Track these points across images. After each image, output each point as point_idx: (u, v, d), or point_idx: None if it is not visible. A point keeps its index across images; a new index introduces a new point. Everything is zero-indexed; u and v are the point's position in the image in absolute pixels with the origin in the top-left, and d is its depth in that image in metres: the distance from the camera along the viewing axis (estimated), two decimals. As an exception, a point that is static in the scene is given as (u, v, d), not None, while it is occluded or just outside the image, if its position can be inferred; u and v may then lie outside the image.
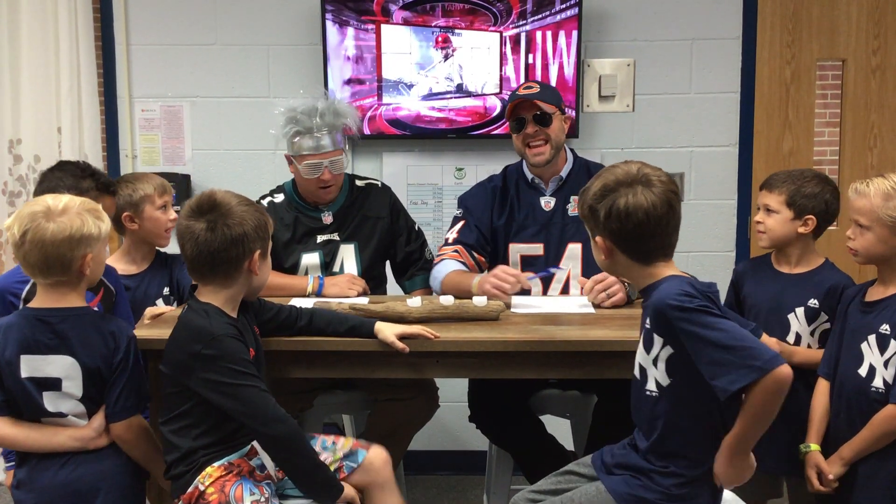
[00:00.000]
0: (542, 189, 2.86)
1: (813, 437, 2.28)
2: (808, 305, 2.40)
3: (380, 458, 2.16)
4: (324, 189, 2.86)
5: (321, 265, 2.90)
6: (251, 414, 1.95)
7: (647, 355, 1.80)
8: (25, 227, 1.94)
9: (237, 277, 2.03)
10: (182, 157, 3.77)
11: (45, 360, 1.98)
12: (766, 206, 2.44)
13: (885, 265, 2.19)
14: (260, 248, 2.03)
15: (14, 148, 3.68)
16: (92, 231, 1.98)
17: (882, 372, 2.12)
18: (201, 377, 1.94)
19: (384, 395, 2.79)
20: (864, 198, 2.15)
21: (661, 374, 1.78)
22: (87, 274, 2.00)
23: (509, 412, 2.73)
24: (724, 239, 3.73)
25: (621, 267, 1.87)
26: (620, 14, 3.65)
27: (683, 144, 3.71)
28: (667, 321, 1.71)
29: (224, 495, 1.93)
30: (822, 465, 2.22)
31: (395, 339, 2.15)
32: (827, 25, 3.66)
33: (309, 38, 3.66)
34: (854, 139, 3.72)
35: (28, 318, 2.00)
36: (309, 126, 2.80)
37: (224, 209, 2.00)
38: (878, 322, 2.14)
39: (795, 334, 2.42)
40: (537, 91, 2.78)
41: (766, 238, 2.46)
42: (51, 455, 2.02)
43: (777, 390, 1.62)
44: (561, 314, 2.45)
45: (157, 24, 3.71)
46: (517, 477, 2.82)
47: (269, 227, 2.08)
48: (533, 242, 2.81)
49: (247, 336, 2.04)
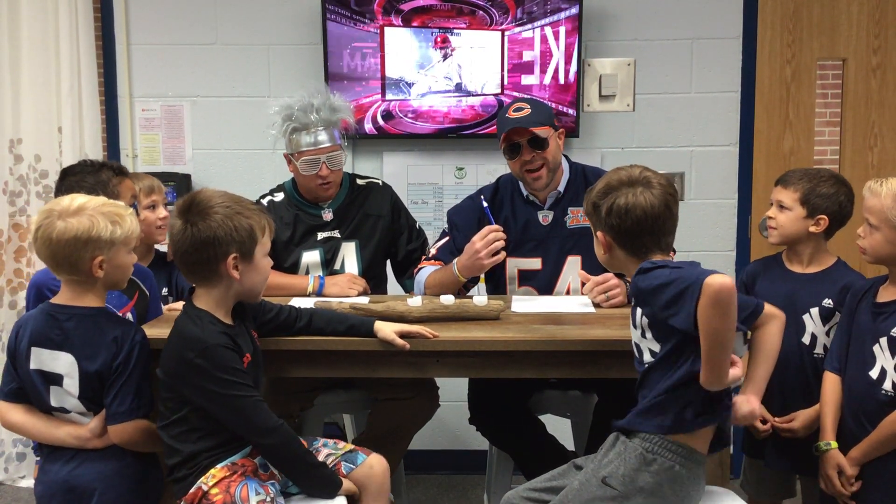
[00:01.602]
0: (538, 204, 2.81)
1: (829, 434, 2.23)
2: (822, 305, 2.37)
3: (381, 464, 2.16)
4: (323, 185, 2.86)
5: (322, 263, 2.90)
6: (242, 424, 1.97)
7: (636, 329, 1.91)
8: (39, 223, 1.97)
9: (216, 280, 2.00)
10: (182, 157, 3.77)
11: (52, 356, 2.01)
12: (780, 202, 2.42)
13: (895, 267, 2.18)
14: (236, 250, 1.97)
15: (14, 148, 3.68)
16: (101, 234, 1.97)
17: (892, 375, 2.10)
18: (194, 385, 1.94)
19: (384, 395, 2.79)
20: (875, 197, 2.14)
21: (652, 342, 1.86)
22: (99, 277, 2.00)
23: (509, 413, 2.73)
24: (725, 239, 3.73)
25: (618, 261, 1.98)
26: (621, 14, 3.65)
27: (684, 144, 3.71)
28: (637, 289, 1.87)
29: (229, 496, 1.93)
30: (844, 464, 2.18)
31: (395, 336, 2.15)
32: (827, 25, 3.66)
33: (309, 38, 3.66)
34: (854, 138, 3.72)
35: (44, 313, 2.04)
36: (305, 122, 2.81)
37: (200, 209, 1.97)
38: (890, 325, 2.12)
39: (811, 335, 2.38)
40: (529, 113, 2.67)
41: (777, 234, 2.44)
42: (60, 450, 2.05)
43: (715, 301, 1.69)
44: (561, 314, 2.45)
45: (158, 24, 3.71)
46: (517, 477, 2.81)
47: (255, 230, 2.00)
48: (531, 257, 2.78)
49: (241, 342, 2.02)
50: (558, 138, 2.75)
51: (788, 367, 2.35)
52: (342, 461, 2.13)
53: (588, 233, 2.69)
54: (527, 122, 2.66)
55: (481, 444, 3.10)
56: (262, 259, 2.05)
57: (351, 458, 2.14)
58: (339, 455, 2.14)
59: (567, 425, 2.92)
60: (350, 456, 2.15)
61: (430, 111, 3.63)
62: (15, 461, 3.75)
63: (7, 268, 3.71)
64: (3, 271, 3.71)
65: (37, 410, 2.07)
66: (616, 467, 1.84)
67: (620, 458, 1.85)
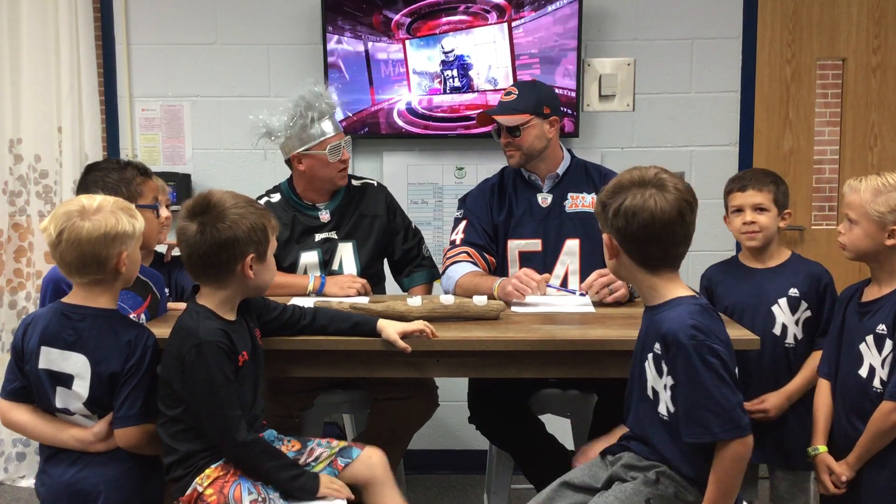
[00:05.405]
0: (538, 185, 2.86)
1: (820, 439, 2.27)
2: (789, 295, 2.48)
3: (377, 454, 2.17)
4: (342, 172, 2.91)
5: (320, 263, 2.90)
6: (210, 434, 1.96)
7: (660, 380, 1.83)
8: (61, 227, 1.95)
9: (230, 280, 2.00)
10: (182, 157, 3.77)
11: (62, 356, 2.00)
12: (759, 205, 2.50)
13: (876, 265, 2.20)
14: (254, 251, 1.99)
15: (14, 147, 3.68)
16: (126, 228, 1.99)
17: (881, 372, 2.13)
18: (182, 379, 1.94)
19: (384, 395, 2.79)
20: (855, 193, 2.17)
21: (669, 400, 1.82)
22: (123, 272, 2.00)
23: (509, 413, 2.73)
24: (724, 239, 3.73)
25: (625, 270, 1.89)
26: (620, 13, 3.65)
27: (683, 144, 3.71)
28: (675, 353, 1.76)
29: (223, 496, 1.93)
30: (833, 466, 2.21)
31: (398, 338, 2.15)
32: (827, 24, 3.66)
33: (309, 38, 3.66)
34: (854, 138, 3.72)
35: (55, 312, 2.03)
36: (323, 109, 2.85)
37: (216, 211, 1.97)
38: (875, 322, 2.15)
39: (782, 325, 2.48)
40: (513, 99, 2.77)
41: (762, 236, 2.52)
42: (63, 452, 2.04)
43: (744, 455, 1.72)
44: (561, 313, 2.45)
45: (158, 24, 3.71)
46: (517, 476, 2.82)
47: (268, 230, 2.03)
48: (531, 238, 2.81)
49: (238, 339, 2.01)
50: (548, 125, 2.78)
51: (762, 359, 2.45)
52: (338, 457, 2.13)
53: (587, 217, 2.73)
54: (500, 109, 2.79)
55: (481, 444, 3.10)
56: (271, 258, 2.08)
57: (346, 454, 2.14)
58: (333, 452, 2.14)
59: (567, 425, 2.92)
60: (344, 451, 2.15)
61: (429, 111, 3.63)
62: (15, 461, 3.75)
63: (7, 268, 3.71)
64: (2, 271, 3.71)
65: (41, 411, 2.06)
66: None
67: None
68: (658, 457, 1.84)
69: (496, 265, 2.84)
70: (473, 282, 2.69)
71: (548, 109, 2.78)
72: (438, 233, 3.73)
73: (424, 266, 3.05)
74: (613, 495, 1.85)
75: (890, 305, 2.13)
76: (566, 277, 2.79)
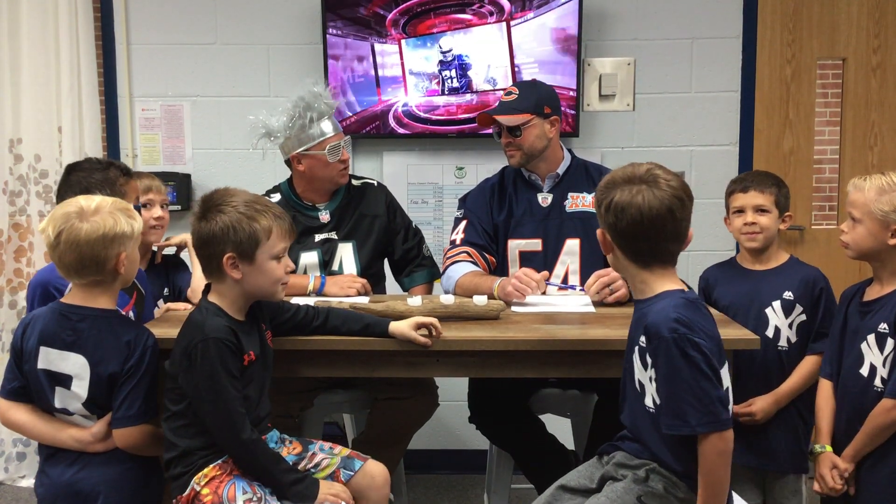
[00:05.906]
0: (538, 185, 2.86)
1: (824, 438, 2.27)
2: (783, 298, 2.48)
3: (382, 473, 2.17)
4: (343, 171, 2.92)
5: (320, 264, 2.90)
6: (214, 430, 1.96)
7: (645, 372, 1.83)
8: (60, 228, 1.95)
9: (222, 277, 2.00)
10: (182, 157, 3.77)
11: (61, 356, 2.00)
12: (760, 206, 2.51)
13: (878, 264, 2.21)
14: (233, 250, 1.96)
15: (14, 147, 3.68)
16: (125, 230, 1.99)
17: (882, 371, 2.13)
18: (186, 374, 1.94)
19: (384, 395, 2.79)
20: (859, 192, 2.18)
21: (655, 392, 1.81)
22: (122, 273, 2.01)
23: (509, 413, 2.73)
24: (725, 239, 3.73)
25: (621, 264, 1.90)
26: (620, 13, 3.65)
27: (684, 143, 3.71)
28: (657, 345, 1.76)
29: (218, 496, 1.93)
30: (839, 462, 2.20)
31: (415, 334, 2.14)
32: (827, 24, 3.66)
33: (309, 38, 3.66)
34: (854, 138, 3.72)
35: (54, 312, 2.03)
36: (322, 110, 2.85)
37: (210, 206, 2.00)
38: (876, 321, 2.15)
39: (774, 328, 2.49)
40: (513, 99, 2.77)
41: (762, 238, 2.53)
42: (62, 452, 2.04)
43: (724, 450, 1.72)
44: (561, 313, 2.45)
45: (158, 24, 3.71)
46: (517, 476, 2.82)
47: (260, 233, 1.98)
48: (531, 238, 2.82)
49: (246, 339, 2.01)
50: (549, 124, 2.78)
51: (753, 361, 2.45)
52: (340, 469, 2.13)
53: (588, 217, 2.74)
54: (501, 109, 2.78)
55: (481, 444, 3.10)
56: (267, 262, 2.01)
57: (349, 465, 2.14)
58: (335, 462, 2.14)
59: (567, 425, 2.92)
60: (348, 462, 2.15)
61: (429, 111, 3.63)
62: (15, 461, 3.75)
63: (7, 268, 3.71)
64: (2, 271, 3.71)
65: (40, 411, 2.06)
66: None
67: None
68: (648, 454, 1.85)
69: (496, 265, 2.83)
70: (473, 282, 2.69)
71: (548, 109, 2.78)
72: (438, 233, 3.74)
73: (425, 266, 3.05)
74: (605, 496, 1.86)
75: (891, 304, 2.13)
76: (566, 277, 2.79)
